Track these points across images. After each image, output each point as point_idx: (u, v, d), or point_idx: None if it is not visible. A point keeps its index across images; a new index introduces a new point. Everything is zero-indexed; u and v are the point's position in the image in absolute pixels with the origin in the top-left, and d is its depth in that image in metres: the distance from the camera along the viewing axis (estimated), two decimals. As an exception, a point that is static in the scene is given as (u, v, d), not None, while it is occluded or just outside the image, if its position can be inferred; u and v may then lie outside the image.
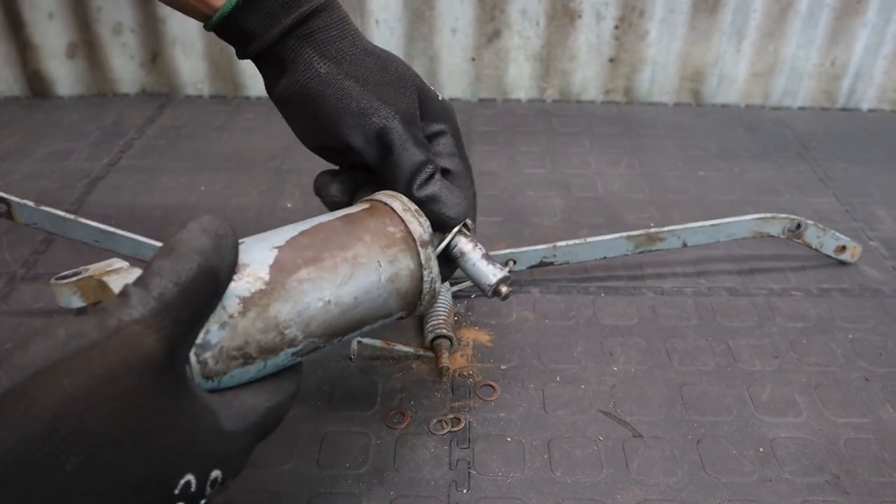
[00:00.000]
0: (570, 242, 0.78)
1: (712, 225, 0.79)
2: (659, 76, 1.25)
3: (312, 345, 0.45)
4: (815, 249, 0.84)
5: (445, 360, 0.68)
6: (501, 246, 0.86)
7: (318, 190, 0.58)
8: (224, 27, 0.54)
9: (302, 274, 0.44)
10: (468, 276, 0.55)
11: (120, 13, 1.20)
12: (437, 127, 0.57)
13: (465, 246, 0.54)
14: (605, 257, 0.80)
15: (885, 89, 1.25)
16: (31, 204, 0.75)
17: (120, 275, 0.41)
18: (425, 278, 0.50)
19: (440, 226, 0.54)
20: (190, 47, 1.24)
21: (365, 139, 0.53)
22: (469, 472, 0.59)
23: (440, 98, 0.58)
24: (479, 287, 0.55)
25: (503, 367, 0.70)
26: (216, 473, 0.38)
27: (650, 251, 0.80)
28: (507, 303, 0.79)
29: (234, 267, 0.40)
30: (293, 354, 0.44)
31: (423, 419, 0.64)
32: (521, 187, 1.01)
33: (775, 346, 0.74)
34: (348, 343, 0.70)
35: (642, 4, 1.18)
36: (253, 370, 0.42)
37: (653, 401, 0.67)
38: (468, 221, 0.55)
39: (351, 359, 0.66)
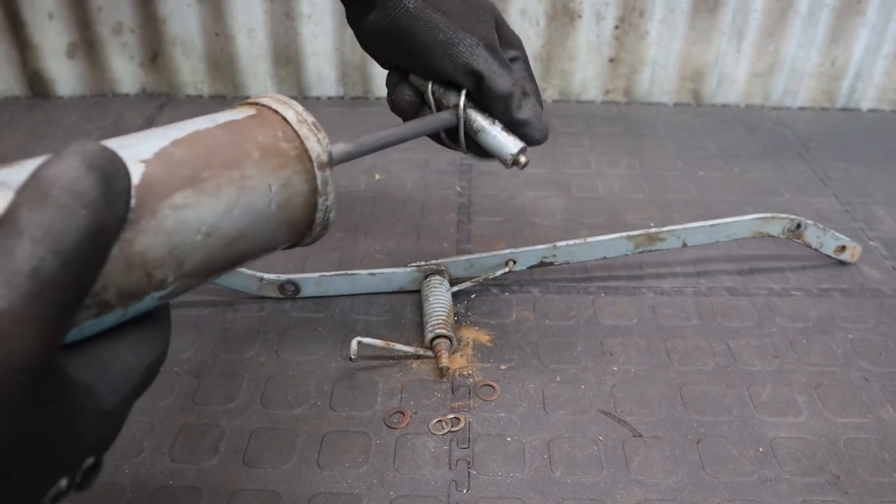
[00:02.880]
0: (570, 242, 0.78)
1: (712, 225, 0.79)
2: (659, 76, 1.25)
3: (184, 285, 0.36)
4: (815, 249, 0.84)
5: (445, 360, 0.68)
6: (501, 246, 0.86)
7: (391, 90, 0.62)
8: None
9: (177, 199, 0.34)
10: (487, 149, 0.58)
11: (120, 13, 1.20)
12: (512, 53, 0.60)
13: (483, 121, 0.58)
14: (605, 257, 0.80)
15: (885, 89, 1.25)
16: (31, 204, 0.75)
17: None
18: (319, 206, 0.43)
19: (529, 144, 0.60)
20: (190, 47, 1.24)
21: (455, 67, 0.56)
22: (469, 472, 0.59)
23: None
24: (499, 158, 0.59)
25: (503, 367, 0.70)
26: (89, 461, 0.31)
27: (650, 251, 0.80)
28: (507, 303, 0.79)
29: (125, 218, 0.31)
30: (160, 298, 0.35)
31: (423, 419, 0.64)
32: (521, 187, 1.01)
33: (775, 346, 0.74)
34: (348, 343, 0.70)
35: (642, 4, 1.18)
36: (109, 320, 0.32)
37: (653, 401, 0.67)
38: (468, 91, 0.58)
39: (351, 359, 0.66)
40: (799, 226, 0.82)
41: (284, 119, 0.42)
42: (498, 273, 0.79)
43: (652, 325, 0.76)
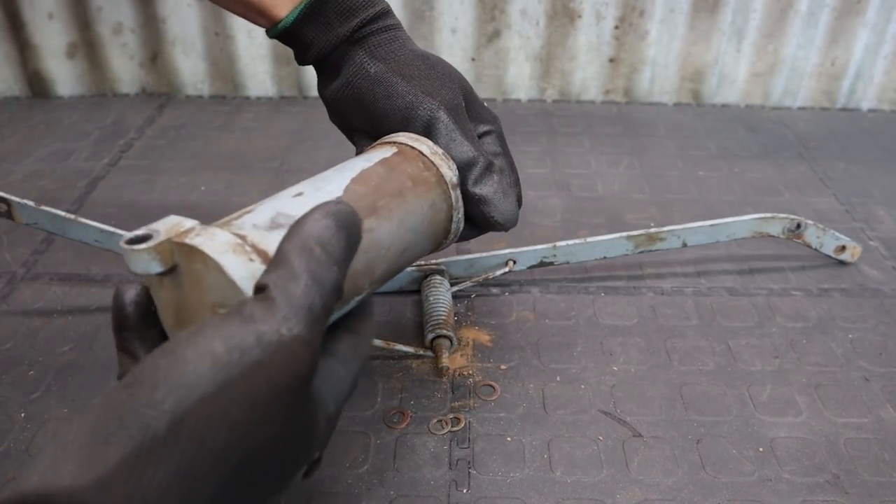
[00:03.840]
0: (570, 242, 0.78)
1: (712, 225, 0.79)
2: (659, 76, 1.25)
3: (372, 290, 0.46)
4: (815, 249, 0.84)
5: (445, 360, 0.68)
6: (501, 246, 0.86)
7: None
8: (285, 36, 0.57)
9: (367, 224, 0.44)
10: None
11: (120, 13, 1.21)
12: (484, 127, 0.59)
13: None
14: (605, 257, 0.80)
15: (885, 89, 1.25)
16: (31, 204, 0.75)
17: (201, 236, 0.37)
18: (454, 218, 0.53)
19: (484, 226, 0.56)
20: (190, 47, 1.24)
21: (413, 131, 0.55)
22: (469, 472, 0.59)
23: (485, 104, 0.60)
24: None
25: (503, 367, 0.70)
26: (315, 455, 0.37)
27: (650, 251, 0.80)
28: (507, 303, 0.79)
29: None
30: (358, 301, 0.45)
31: (423, 419, 0.64)
32: (522, 187, 1.01)
33: (775, 346, 0.74)
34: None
35: (642, 4, 1.18)
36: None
37: (653, 401, 0.67)
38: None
39: (351, 359, 0.66)
40: (799, 226, 0.82)
41: (421, 153, 0.52)
42: (498, 273, 0.79)
43: (652, 325, 0.76)
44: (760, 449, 0.62)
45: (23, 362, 0.70)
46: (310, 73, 1.26)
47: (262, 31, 1.22)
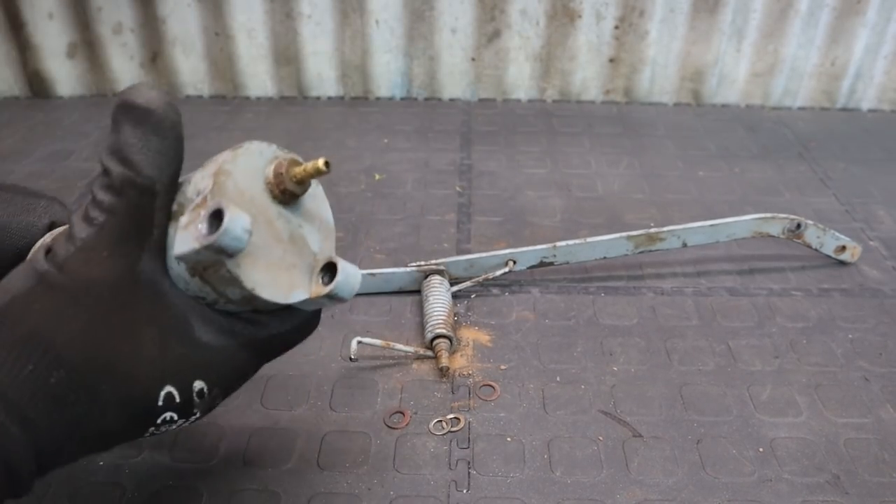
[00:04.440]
0: (570, 242, 0.78)
1: (712, 225, 0.79)
2: (659, 76, 1.25)
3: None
4: (815, 249, 0.84)
5: (445, 360, 0.68)
6: (501, 246, 0.86)
7: None
8: None
9: None
10: None
11: (120, 13, 1.20)
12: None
13: None
14: (605, 257, 0.80)
15: (885, 89, 1.25)
16: (31, 204, 0.75)
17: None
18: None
19: None
20: (190, 47, 1.24)
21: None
22: (469, 472, 0.59)
23: None
24: None
25: (503, 367, 0.70)
26: (199, 384, 0.39)
27: (650, 251, 0.80)
28: (507, 303, 0.79)
29: (174, 151, 0.39)
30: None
31: (423, 419, 0.64)
32: (521, 187, 1.01)
33: (775, 346, 0.74)
34: (348, 343, 0.70)
35: (642, 4, 1.18)
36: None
37: (653, 401, 0.67)
38: None
39: (351, 359, 0.66)
40: (799, 226, 0.82)
41: None
42: (498, 273, 0.79)
43: (652, 325, 0.76)
44: (760, 449, 0.62)
45: (23, 362, 0.70)
46: (310, 73, 1.26)
47: (262, 30, 1.22)
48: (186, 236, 0.36)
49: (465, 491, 0.58)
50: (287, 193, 0.40)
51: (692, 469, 0.60)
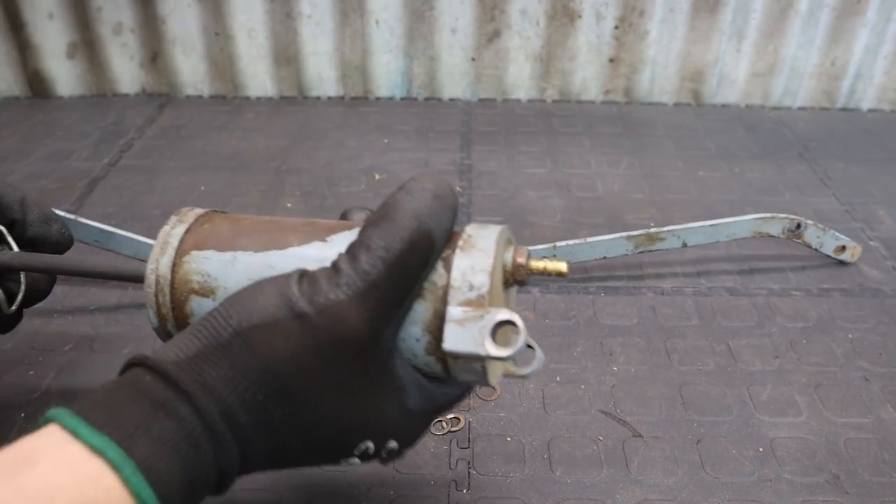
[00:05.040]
0: (570, 242, 0.78)
1: (712, 225, 0.79)
2: (659, 76, 1.25)
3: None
4: (815, 249, 0.84)
5: (445, 360, 0.68)
6: (501, 246, 0.86)
7: None
8: None
9: None
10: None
11: (120, 13, 1.20)
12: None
13: None
14: (605, 257, 0.80)
15: (885, 89, 1.25)
16: (31, 204, 0.75)
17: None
18: None
19: None
20: (190, 47, 1.24)
21: None
22: (469, 472, 0.59)
23: None
24: None
25: (503, 367, 0.70)
26: (393, 444, 0.40)
27: (650, 251, 0.80)
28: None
29: (452, 228, 0.39)
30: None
31: (423, 419, 0.64)
32: (521, 187, 1.01)
33: (775, 346, 0.74)
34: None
35: (642, 4, 1.18)
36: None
37: (653, 401, 0.67)
38: None
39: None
40: (799, 226, 0.82)
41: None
42: (498, 273, 0.79)
43: (652, 325, 0.76)
44: (760, 449, 0.62)
45: (23, 362, 0.70)
46: (310, 73, 1.26)
47: (262, 30, 1.22)
48: (464, 336, 0.37)
49: (465, 491, 0.58)
50: (517, 283, 0.41)
51: (692, 469, 0.60)
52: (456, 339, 0.37)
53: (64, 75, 1.26)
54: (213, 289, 0.41)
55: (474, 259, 0.38)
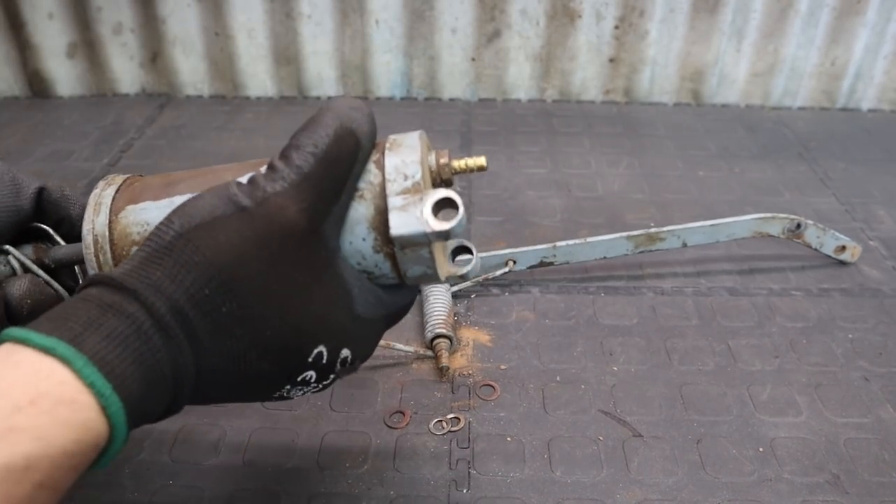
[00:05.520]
0: (570, 242, 0.78)
1: (712, 225, 0.79)
2: (659, 76, 1.25)
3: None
4: (815, 249, 0.84)
5: (445, 360, 0.68)
6: (501, 246, 0.86)
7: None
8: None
9: None
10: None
11: (120, 13, 1.20)
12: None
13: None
14: (605, 257, 0.80)
15: (885, 89, 1.25)
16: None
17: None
18: None
19: None
20: (190, 47, 1.24)
21: None
22: (469, 472, 0.59)
23: None
24: None
25: (503, 367, 0.70)
26: (346, 353, 0.41)
27: (650, 251, 0.80)
28: (507, 303, 0.79)
29: (375, 134, 0.41)
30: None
31: (423, 419, 0.64)
32: (521, 187, 1.01)
33: (775, 346, 0.74)
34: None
35: (642, 4, 1.18)
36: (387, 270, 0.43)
37: (653, 401, 0.67)
38: None
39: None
40: (799, 226, 0.82)
41: None
42: (498, 273, 0.79)
43: (652, 325, 0.76)
44: (760, 449, 0.62)
45: (23, 362, 0.70)
46: (310, 73, 1.26)
47: (262, 30, 1.22)
48: (408, 218, 0.39)
49: (465, 491, 0.58)
50: (444, 182, 0.43)
51: (692, 469, 0.60)
52: (401, 223, 0.39)
53: (64, 75, 1.26)
54: None
55: (403, 155, 0.41)
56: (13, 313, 0.45)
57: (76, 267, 0.51)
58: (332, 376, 0.41)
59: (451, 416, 0.65)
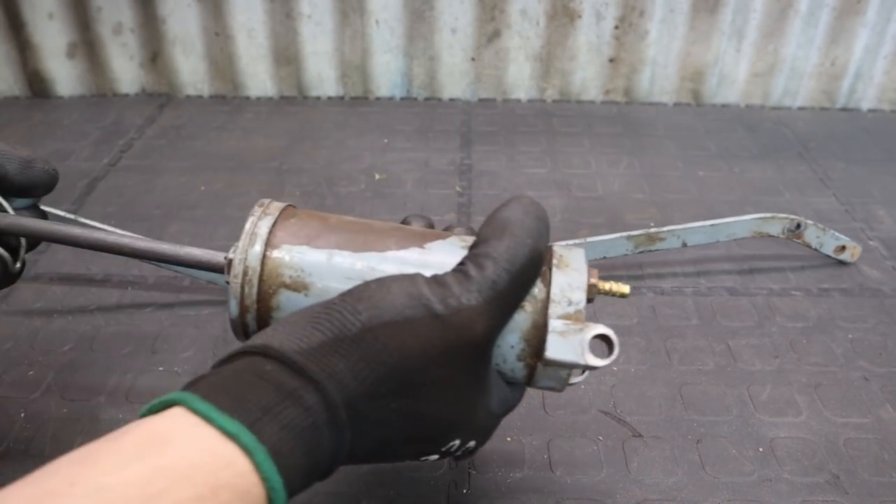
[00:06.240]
0: (570, 242, 0.78)
1: (712, 225, 0.79)
2: (659, 76, 1.25)
3: None
4: (815, 249, 0.84)
5: (445, 360, 0.68)
6: (501, 246, 0.86)
7: None
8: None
9: None
10: None
11: (120, 13, 1.20)
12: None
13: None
14: (605, 257, 0.80)
15: (885, 89, 1.25)
16: (31, 204, 0.75)
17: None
18: None
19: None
20: (190, 47, 1.24)
21: None
22: (469, 472, 0.59)
23: None
24: None
25: (503, 366, 0.70)
26: (473, 443, 0.43)
27: (650, 251, 0.80)
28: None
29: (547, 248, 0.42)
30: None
31: (423, 419, 0.64)
32: (521, 187, 1.01)
33: (775, 346, 0.74)
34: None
35: (642, 4, 1.18)
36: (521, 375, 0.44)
37: (653, 401, 0.67)
38: None
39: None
40: (799, 226, 0.82)
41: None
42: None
43: (652, 325, 0.76)
44: (760, 449, 0.62)
45: (23, 362, 0.70)
46: (310, 73, 1.26)
47: (262, 30, 1.22)
48: (566, 346, 0.40)
49: (465, 491, 0.58)
50: (587, 301, 0.43)
51: (692, 469, 0.60)
52: (557, 349, 0.40)
53: (64, 75, 1.26)
54: (306, 285, 0.42)
55: (571, 277, 0.42)
56: None
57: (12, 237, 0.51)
58: (450, 458, 0.43)
59: (451, 416, 0.65)
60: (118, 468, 0.29)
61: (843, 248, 0.85)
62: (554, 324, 0.40)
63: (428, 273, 0.39)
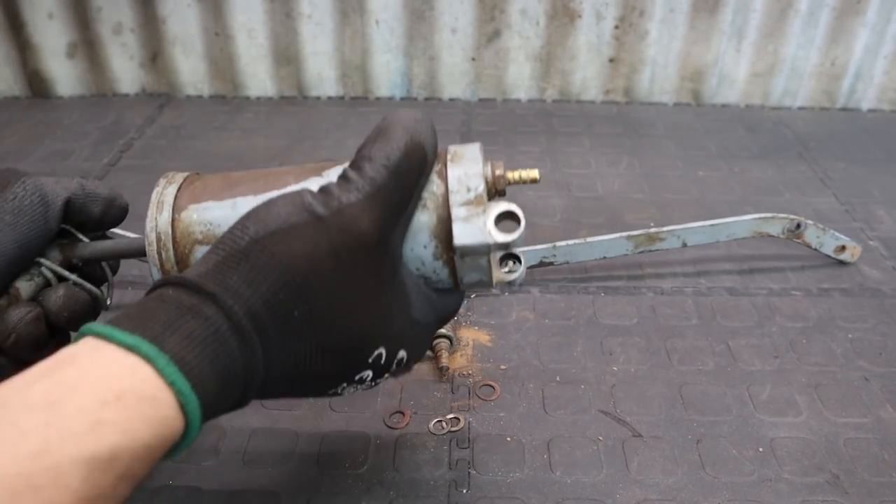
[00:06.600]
0: (570, 242, 0.78)
1: (712, 225, 0.79)
2: (659, 76, 1.25)
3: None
4: (815, 249, 0.84)
5: (445, 360, 0.68)
6: (501, 246, 0.86)
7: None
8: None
9: None
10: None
11: (120, 13, 1.20)
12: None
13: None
14: (605, 257, 0.80)
15: (885, 89, 1.25)
16: (31, 204, 0.75)
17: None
18: None
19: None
20: (190, 47, 1.24)
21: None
22: (469, 472, 0.59)
23: None
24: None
25: (503, 367, 0.70)
26: (402, 354, 0.43)
27: (650, 251, 0.80)
28: (507, 303, 0.79)
29: (437, 146, 0.43)
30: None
31: (423, 419, 0.64)
32: (521, 187, 1.00)
33: (775, 346, 0.74)
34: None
35: (642, 4, 1.18)
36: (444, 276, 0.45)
37: (653, 401, 0.67)
38: None
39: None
40: (799, 226, 0.82)
41: None
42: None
43: (652, 325, 0.76)
44: (760, 449, 0.62)
45: (23, 362, 0.70)
46: (310, 73, 1.26)
47: (262, 30, 1.22)
48: (472, 230, 0.41)
49: (465, 491, 0.58)
50: (498, 193, 0.45)
51: (692, 469, 0.60)
52: (465, 234, 0.41)
53: (64, 75, 1.26)
54: (217, 236, 0.43)
55: (465, 167, 0.43)
56: (53, 324, 0.48)
57: (102, 263, 0.52)
58: (386, 375, 0.43)
59: (451, 416, 0.65)
60: (24, 387, 0.31)
61: (843, 248, 0.85)
62: (457, 211, 0.41)
63: None
